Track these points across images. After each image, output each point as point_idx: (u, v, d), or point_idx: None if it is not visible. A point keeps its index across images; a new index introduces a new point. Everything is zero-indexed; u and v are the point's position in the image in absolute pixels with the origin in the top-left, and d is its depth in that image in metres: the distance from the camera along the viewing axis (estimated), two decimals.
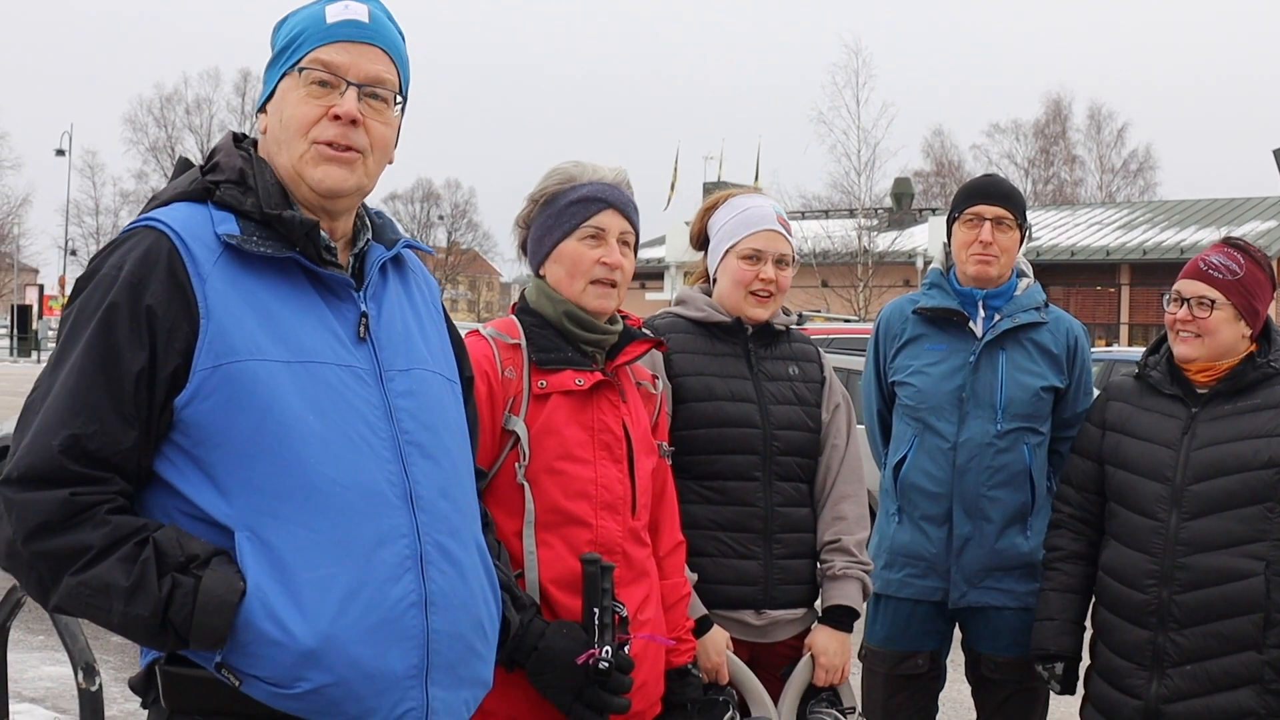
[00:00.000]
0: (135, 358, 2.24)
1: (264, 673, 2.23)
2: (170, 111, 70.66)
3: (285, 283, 2.37)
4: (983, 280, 4.40)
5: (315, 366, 2.33)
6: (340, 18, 2.45)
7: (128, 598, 2.17)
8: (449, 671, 2.39)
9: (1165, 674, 3.93)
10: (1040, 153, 69.23)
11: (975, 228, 4.38)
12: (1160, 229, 42.64)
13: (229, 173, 2.42)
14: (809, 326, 15.69)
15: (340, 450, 2.31)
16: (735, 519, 3.74)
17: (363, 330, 2.42)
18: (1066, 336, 4.47)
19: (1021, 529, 4.37)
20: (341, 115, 2.40)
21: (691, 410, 3.73)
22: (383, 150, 2.49)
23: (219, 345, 2.27)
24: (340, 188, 2.43)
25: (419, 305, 2.61)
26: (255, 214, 2.37)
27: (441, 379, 2.57)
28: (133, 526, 2.21)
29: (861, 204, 38.95)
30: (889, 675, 4.46)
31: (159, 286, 2.27)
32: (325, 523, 2.27)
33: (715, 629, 3.66)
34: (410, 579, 2.34)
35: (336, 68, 2.42)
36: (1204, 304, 3.98)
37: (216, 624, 2.18)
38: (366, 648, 2.27)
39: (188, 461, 2.28)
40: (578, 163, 3.40)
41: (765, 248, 3.84)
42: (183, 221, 2.34)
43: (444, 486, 2.46)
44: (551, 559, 3.14)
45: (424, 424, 2.45)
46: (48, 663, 7.75)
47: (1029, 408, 4.36)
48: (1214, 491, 3.91)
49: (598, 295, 3.29)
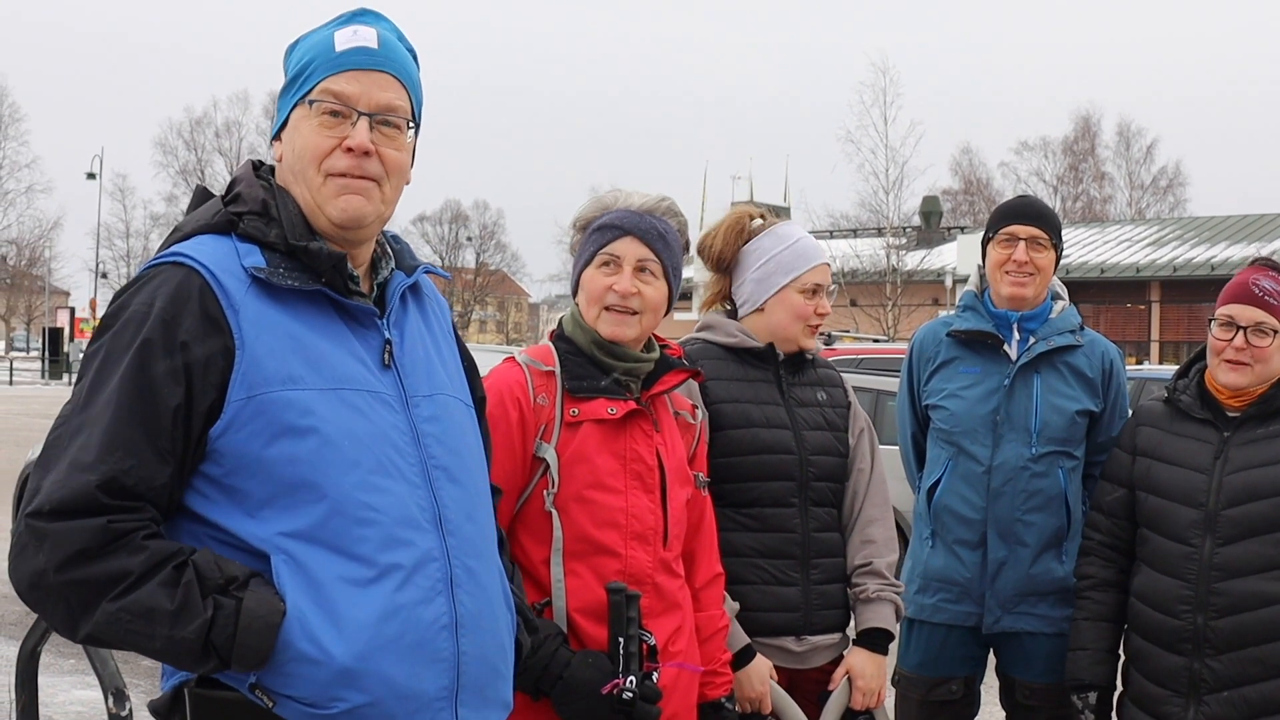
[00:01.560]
0: (172, 394, 2.24)
1: (300, 693, 2.23)
2: (200, 135, 71.31)
3: (313, 312, 2.38)
4: (1017, 301, 4.37)
5: (346, 393, 2.34)
6: (349, 45, 2.44)
7: (172, 621, 2.16)
8: (477, 693, 2.41)
9: (1202, 700, 3.89)
10: (1069, 170, 69.12)
11: (1010, 247, 4.34)
12: (1190, 245, 42.48)
13: (252, 204, 2.42)
14: (838, 347, 15.66)
15: (373, 475, 2.32)
16: (774, 546, 3.73)
17: (387, 357, 2.44)
18: (1102, 360, 4.43)
19: (1057, 554, 4.33)
20: (354, 148, 2.41)
21: (728, 438, 3.71)
22: (398, 175, 2.49)
23: (253, 376, 2.28)
24: (360, 218, 2.44)
25: (435, 330, 2.63)
26: (280, 245, 2.38)
27: (461, 404, 2.59)
28: (170, 550, 2.21)
29: (890, 223, 38.94)
30: (923, 701, 4.43)
31: (193, 322, 2.27)
32: (361, 546, 2.29)
33: (759, 658, 3.65)
34: (442, 602, 2.36)
35: (347, 98, 2.42)
36: (1263, 333, 3.93)
37: (260, 645, 2.19)
38: (401, 668, 2.28)
39: (217, 490, 2.29)
40: (616, 190, 3.40)
41: (824, 281, 3.87)
42: (210, 255, 2.34)
43: (470, 510, 2.48)
44: (579, 588, 3.12)
45: (449, 449, 2.47)
46: (78, 687, 7.76)
47: (1063, 431, 4.32)
48: (1248, 516, 3.88)
49: (611, 322, 3.28)
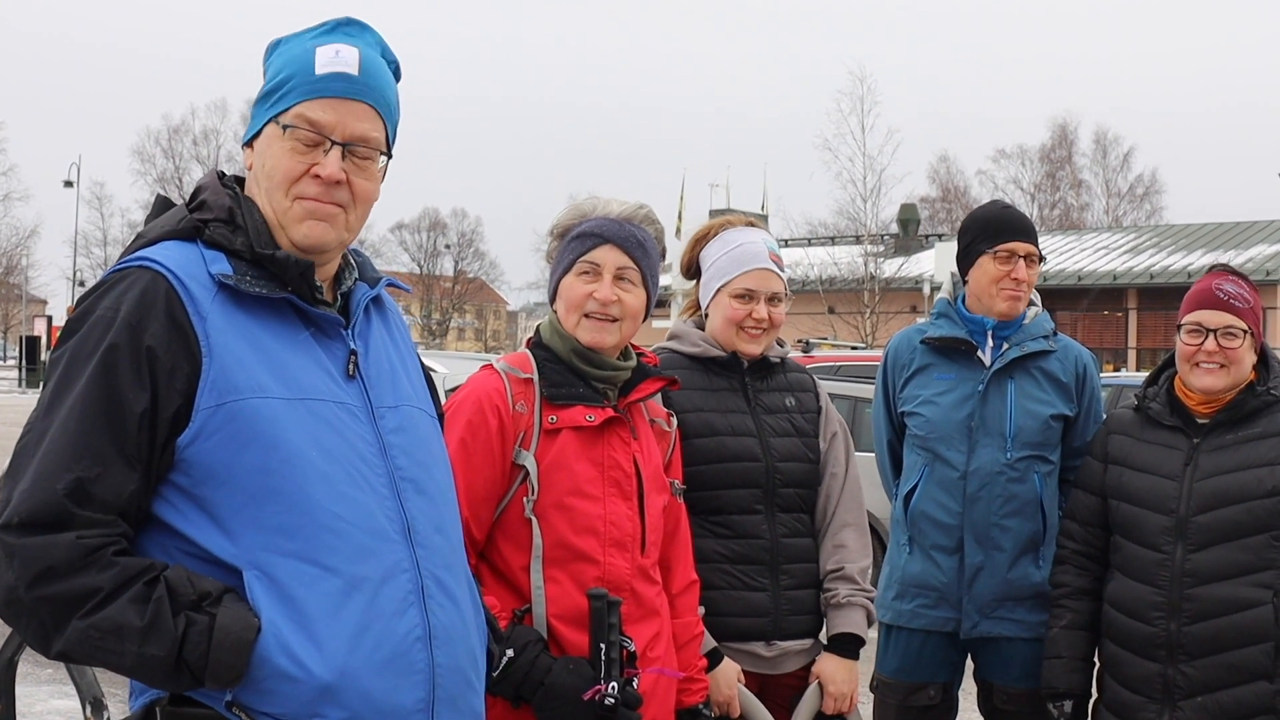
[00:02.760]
0: (138, 399, 2.22)
1: (278, 709, 2.21)
2: (178, 143, 70.98)
3: (278, 321, 2.37)
4: (1012, 315, 4.40)
5: (313, 403, 2.33)
6: (330, 69, 2.42)
7: (142, 638, 2.14)
8: (451, 705, 2.39)
9: (1176, 706, 3.91)
10: (1046, 178, 69.28)
11: (1009, 264, 4.36)
12: (1167, 253, 42.65)
13: (218, 211, 2.40)
14: (815, 354, 15.69)
15: (343, 487, 2.31)
16: (742, 552, 3.74)
17: (352, 368, 2.43)
18: (1075, 365, 4.47)
19: (1034, 558, 4.36)
20: (324, 177, 2.39)
21: (693, 446, 3.72)
22: (364, 204, 2.48)
23: (221, 384, 2.26)
24: (322, 244, 2.43)
25: (399, 342, 2.62)
26: (246, 253, 2.37)
27: (426, 415, 2.58)
28: (141, 566, 2.19)
29: (867, 230, 39.01)
30: (901, 707, 4.44)
31: (158, 327, 2.25)
32: (333, 559, 2.27)
33: (726, 661, 3.66)
34: (414, 613, 2.35)
35: (321, 126, 2.40)
36: (1233, 334, 3.97)
37: (234, 661, 2.17)
38: (378, 682, 2.27)
39: (188, 501, 2.27)
40: (594, 198, 3.42)
41: (757, 287, 3.83)
42: (177, 261, 2.32)
43: (438, 522, 2.47)
44: (559, 594, 3.14)
45: (416, 460, 2.47)
46: (56, 696, 7.73)
47: (1038, 436, 4.35)
48: (1219, 522, 3.91)
49: (590, 330, 3.30)
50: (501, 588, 3.16)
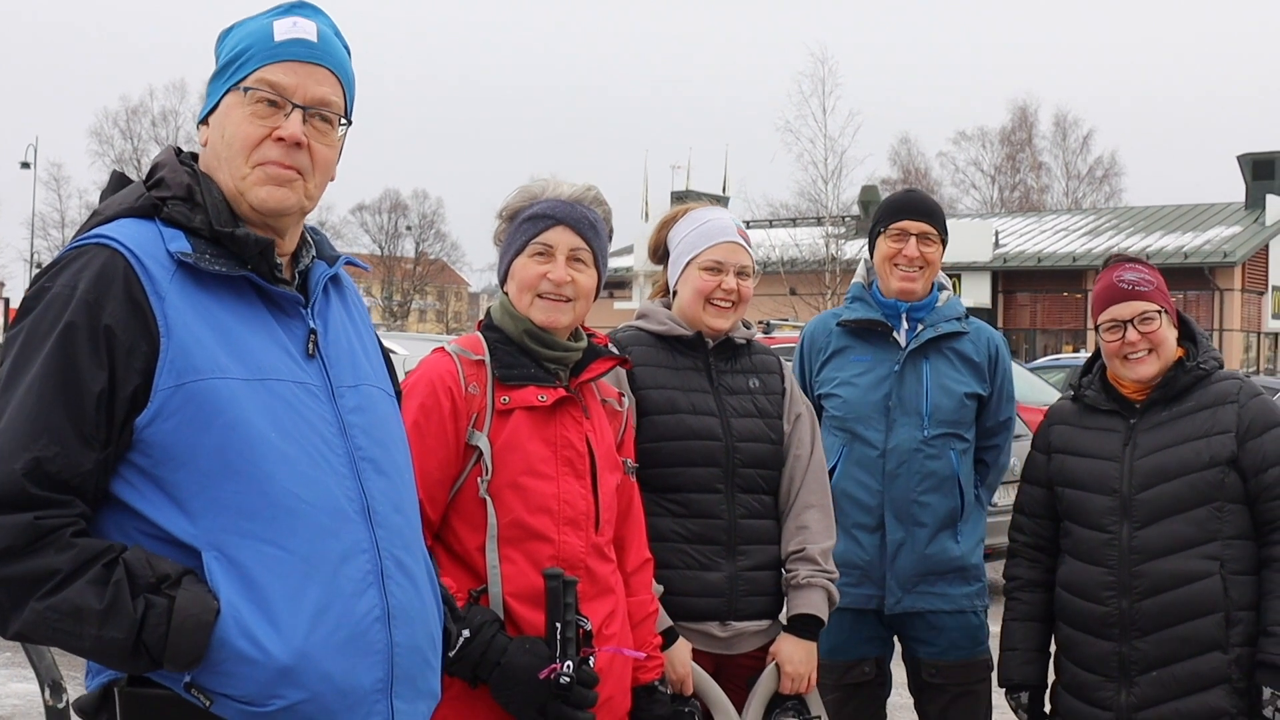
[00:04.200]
0: (95, 378, 2.21)
1: (237, 691, 2.21)
2: (136, 124, 70.24)
3: (237, 300, 2.36)
4: (907, 295, 4.50)
5: (272, 383, 2.33)
6: (288, 36, 2.44)
7: (101, 620, 2.14)
8: (410, 684, 2.41)
9: (1133, 683, 3.96)
10: (1007, 160, 69.57)
11: (900, 242, 4.49)
12: (1126, 235, 42.94)
13: (176, 189, 2.39)
14: (776, 335, 15.72)
15: (303, 467, 2.31)
16: (699, 531, 3.76)
17: (311, 347, 2.43)
18: (987, 346, 4.58)
19: (952, 534, 4.45)
20: (286, 138, 2.40)
21: (654, 423, 3.75)
22: (324, 171, 2.48)
23: (180, 364, 2.25)
24: (281, 208, 2.43)
25: (357, 321, 2.62)
26: (205, 231, 2.36)
27: (385, 394, 2.58)
28: (100, 548, 2.18)
29: (829, 212, 39.00)
30: (839, 685, 4.50)
31: (116, 305, 2.24)
32: (292, 539, 2.27)
33: (680, 641, 3.68)
34: (373, 594, 2.35)
35: (283, 89, 2.41)
36: (1150, 319, 4.03)
37: (193, 644, 2.16)
38: (338, 663, 2.27)
39: (147, 482, 2.26)
40: (543, 180, 3.43)
41: (726, 259, 3.87)
42: (135, 239, 2.31)
43: (397, 501, 2.47)
44: (514, 574, 3.15)
45: (375, 440, 2.47)
46: (14, 680, 7.71)
47: (954, 414, 4.45)
48: (1161, 497, 3.96)
49: (544, 309, 3.32)
50: (457, 568, 3.17)
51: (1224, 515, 3.93)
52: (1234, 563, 3.92)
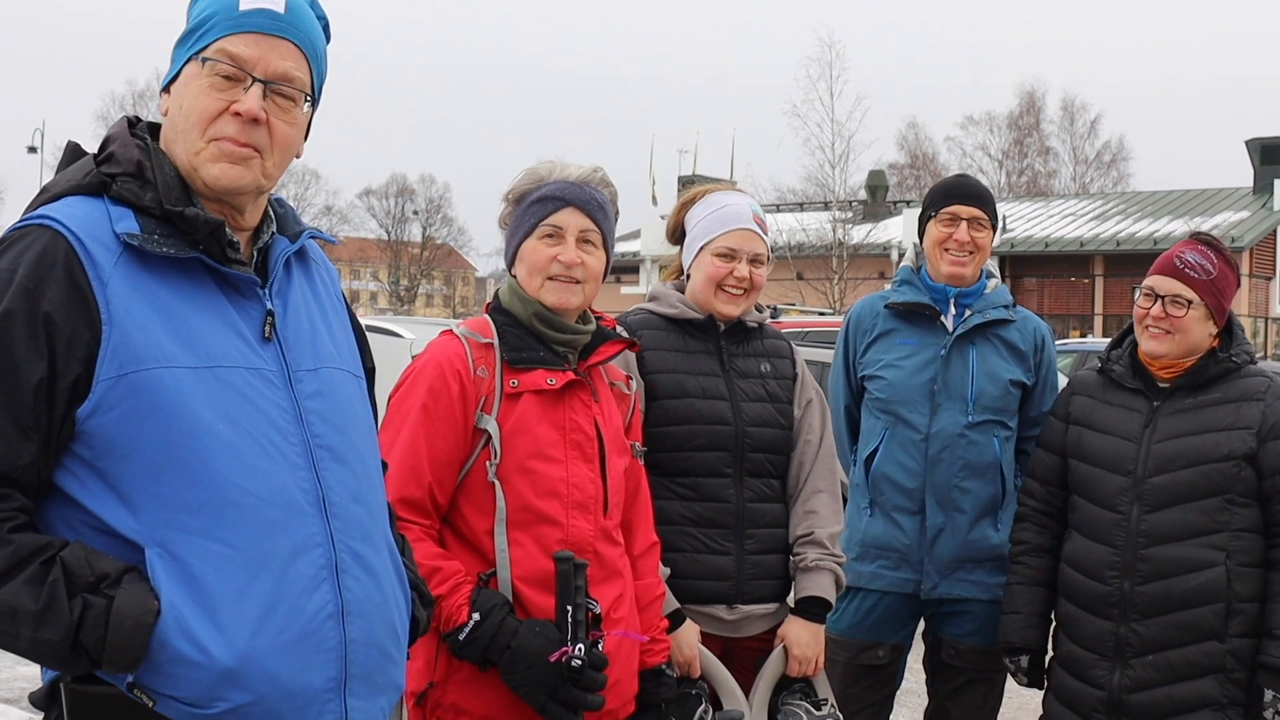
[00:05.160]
0: (34, 368, 2.11)
1: (180, 693, 2.14)
2: (143, 108, 70.22)
3: (187, 282, 2.26)
4: (957, 280, 4.47)
5: (222, 371, 2.23)
6: (254, 5, 2.32)
7: (36, 622, 2.06)
8: (366, 681, 2.33)
9: (1128, 664, 3.97)
10: (1014, 144, 69.39)
11: (951, 227, 4.46)
12: (1134, 220, 42.83)
13: (125, 165, 2.28)
14: (783, 319, 15.71)
15: (252, 459, 2.22)
16: (707, 515, 3.76)
17: (268, 330, 2.33)
18: (1034, 336, 4.55)
19: (992, 521, 4.42)
20: (242, 113, 2.29)
21: (663, 407, 3.74)
22: (284, 150, 2.37)
23: (123, 353, 2.15)
24: (235, 187, 2.32)
25: (323, 298, 2.51)
26: (155, 210, 2.26)
27: (349, 375, 2.48)
28: (37, 545, 2.10)
29: (836, 197, 38.92)
30: (849, 664, 4.50)
31: (57, 291, 2.14)
32: (239, 535, 2.19)
33: (687, 623, 3.68)
34: (326, 589, 2.27)
35: (242, 61, 2.30)
36: (1179, 303, 4.02)
37: (131, 646, 2.09)
38: (286, 663, 2.20)
39: (90, 474, 2.17)
40: (549, 162, 3.42)
41: (740, 246, 3.86)
42: (79, 220, 2.21)
43: (356, 491, 2.38)
44: (523, 557, 3.15)
45: (334, 426, 2.37)
46: (22, 663, 7.71)
47: (999, 401, 4.42)
48: (1174, 484, 3.96)
49: (554, 291, 3.30)
50: (466, 552, 3.17)
51: (1235, 508, 3.93)
52: (1240, 555, 3.92)
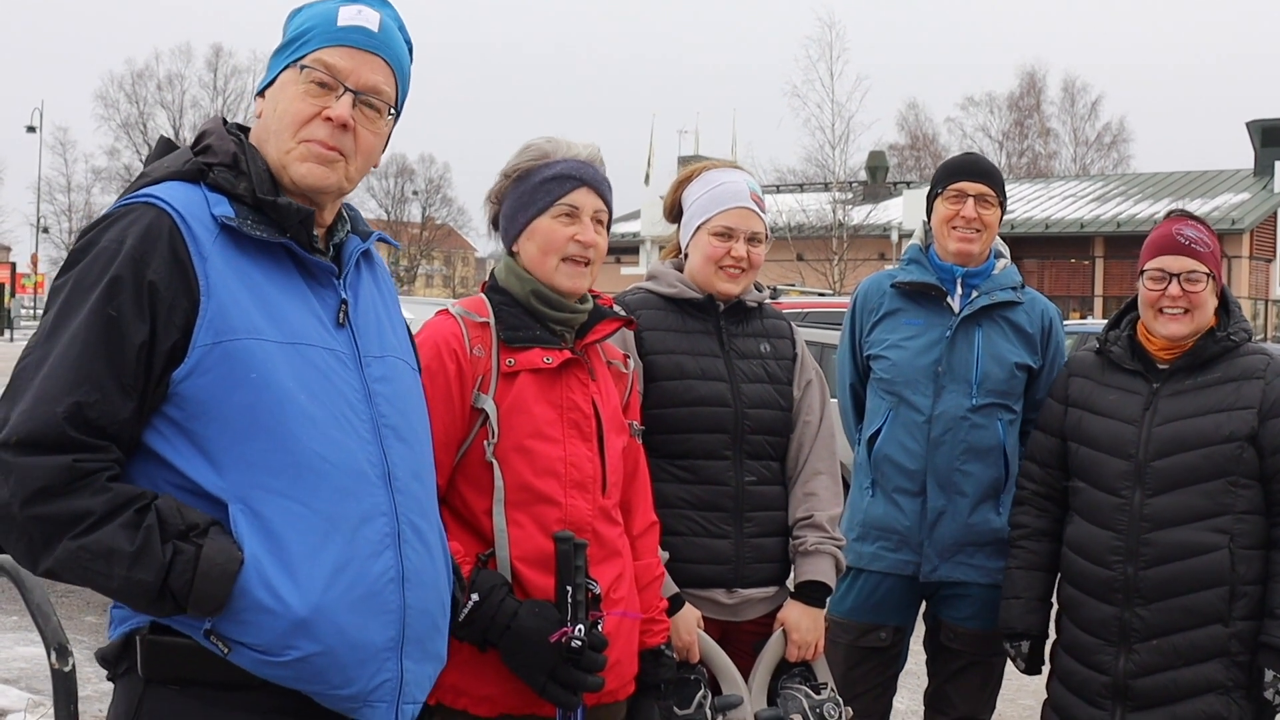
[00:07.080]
0: (138, 330, 2.29)
1: (254, 640, 2.29)
2: (142, 88, 70.23)
3: (274, 266, 2.44)
4: (964, 257, 4.43)
5: (304, 348, 2.41)
6: (351, 22, 2.54)
7: (131, 563, 2.21)
8: (419, 645, 2.49)
9: (1132, 649, 3.96)
10: (1015, 125, 69.39)
11: (958, 204, 4.42)
12: (1134, 201, 42.80)
13: (222, 156, 2.48)
14: (783, 300, 15.69)
15: (328, 429, 2.39)
16: (706, 498, 3.73)
17: (342, 316, 2.51)
18: (1041, 318, 4.51)
19: (994, 505, 4.39)
20: (333, 118, 2.49)
21: (662, 389, 3.72)
22: (366, 157, 2.57)
23: (219, 323, 2.33)
24: (320, 186, 2.51)
25: (386, 297, 2.71)
26: (247, 198, 2.45)
27: (408, 366, 2.67)
28: (133, 493, 2.26)
29: (836, 177, 38.89)
30: (851, 646, 4.48)
31: (161, 262, 2.32)
32: (315, 498, 2.35)
33: (686, 607, 3.66)
34: (390, 555, 2.43)
35: (337, 71, 2.51)
36: (1195, 278, 3.98)
37: (216, 591, 2.25)
38: (353, 619, 2.35)
39: (179, 434, 2.33)
40: (552, 139, 3.38)
41: (737, 225, 3.82)
42: (182, 200, 2.39)
43: (416, 469, 2.56)
44: (521, 537, 3.13)
45: (398, 408, 2.55)
46: (21, 643, 7.73)
47: (1003, 384, 4.38)
48: (1176, 467, 3.93)
49: (570, 274, 3.28)
50: (464, 532, 3.15)
51: (1238, 490, 3.91)
52: (1244, 538, 3.90)
